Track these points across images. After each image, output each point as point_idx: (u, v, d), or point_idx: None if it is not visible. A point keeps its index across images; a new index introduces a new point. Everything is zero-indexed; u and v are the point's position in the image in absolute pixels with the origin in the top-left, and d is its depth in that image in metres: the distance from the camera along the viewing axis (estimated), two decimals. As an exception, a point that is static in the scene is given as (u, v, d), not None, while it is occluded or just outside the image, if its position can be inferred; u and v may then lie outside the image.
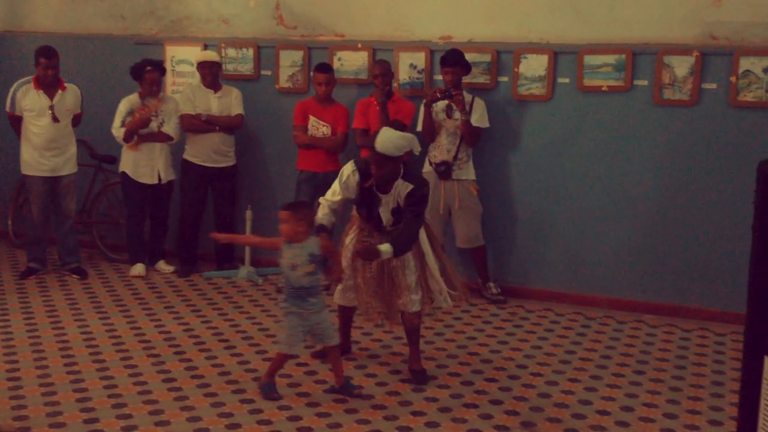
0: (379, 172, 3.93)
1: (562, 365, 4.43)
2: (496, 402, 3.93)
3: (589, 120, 5.42)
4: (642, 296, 5.39)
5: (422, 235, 4.19)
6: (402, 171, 4.01)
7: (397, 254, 3.96)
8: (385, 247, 3.88)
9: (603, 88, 5.33)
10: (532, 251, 5.66)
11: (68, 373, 4.14)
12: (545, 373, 4.31)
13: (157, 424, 3.60)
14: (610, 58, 5.28)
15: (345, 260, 4.15)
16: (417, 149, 4.04)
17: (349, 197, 4.11)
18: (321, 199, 4.17)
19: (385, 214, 4.09)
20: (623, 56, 5.24)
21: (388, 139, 3.89)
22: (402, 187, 3.99)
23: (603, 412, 3.84)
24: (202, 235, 6.17)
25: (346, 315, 4.43)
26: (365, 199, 4.08)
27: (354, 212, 4.27)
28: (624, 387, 4.15)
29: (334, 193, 4.11)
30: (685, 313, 5.29)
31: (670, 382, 4.22)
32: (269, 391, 3.89)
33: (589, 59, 5.32)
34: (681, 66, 5.13)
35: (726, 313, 5.16)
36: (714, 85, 5.09)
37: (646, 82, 5.24)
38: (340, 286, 4.25)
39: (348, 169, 4.08)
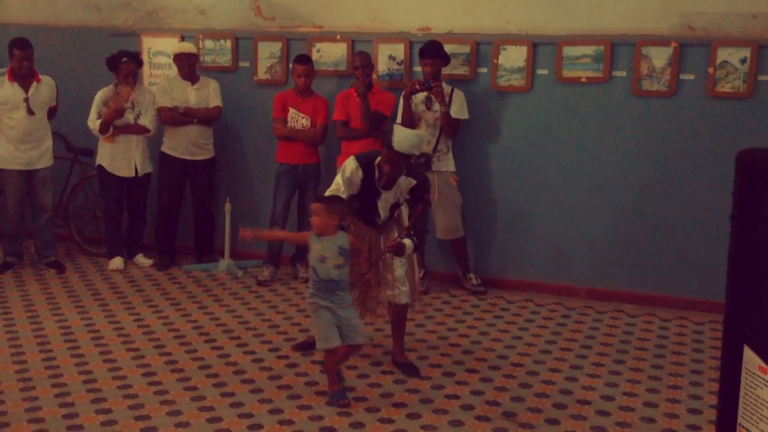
0: (393, 170, 3.91)
1: (543, 355, 4.45)
2: (478, 392, 3.94)
3: (568, 111, 5.44)
4: (621, 286, 5.43)
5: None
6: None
7: (417, 249, 4.01)
8: (408, 242, 3.92)
9: (582, 79, 5.34)
10: (511, 242, 5.68)
11: (47, 367, 4.10)
12: (526, 364, 4.33)
13: (137, 418, 3.56)
14: (589, 50, 5.30)
15: None
16: (425, 148, 4.01)
17: (353, 193, 4.05)
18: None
19: (383, 210, 4.09)
20: (602, 47, 5.26)
21: (405, 138, 3.86)
22: (404, 183, 4.00)
23: (583, 402, 3.86)
24: (180, 227, 6.14)
25: None
26: (365, 195, 4.06)
27: None
28: (604, 376, 4.18)
29: (338, 191, 4.00)
30: (664, 302, 5.34)
31: (649, 371, 4.26)
32: (339, 398, 3.75)
33: (568, 50, 5.33)
34: (659, 57, 5.16)
35: (705, 302, 5.22)
36: (692, 76, 5.13)
37: (624, 73, 5.27)
38: None
39: (351, 165, 4.01)
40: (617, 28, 5.27)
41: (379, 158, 3.98)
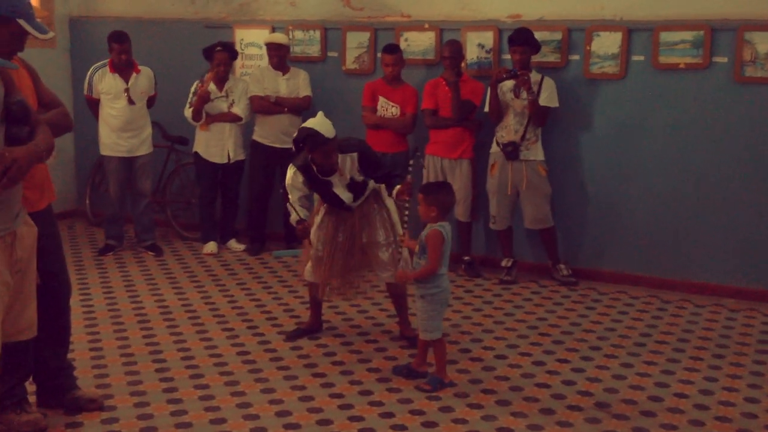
0: (330, 159, 4.00)
1: (637, 348, 4.33)
2: (569, 383, 3.87)
3: (664, 99, 5.27)
4: (722, 280, 5.21)
5: (392, 206, 4.29)
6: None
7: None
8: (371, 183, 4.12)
9: (680, 66, 5.17)
10: (604, 233, 5.54)
11: (147, 344, 4.26)
12: (620, 355, 4.22)
13: (233, 394, 3.67)
14: (688, 35, 5.12)
15: (314, 236, 4.23)
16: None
17: (306, 193, 4.19)
18: (288, 204, 4.19)
19: (343, 194, 4.15)
20: (701, 32, 5.07)
21: (325, 124, 3.97)
22: (348, 160, 4.08)
23: (681, 395, 3.75)
24: (270, 214, 6.26)
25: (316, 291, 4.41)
26: (319, 189, 4.18)
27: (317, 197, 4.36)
28: (702, 371, 4.04)
29: (292, 195, 4.14)
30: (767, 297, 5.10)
31: (751, 367, 4.09)
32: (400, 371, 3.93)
33: (666, 36, 5.17)
34: (763, 42, 4.94)
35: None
36: (799, 61, 4.89)
37: (725, 59, 5.06)
38: (309, 264, 4.28)
39: (289, 172, 4.15)
40: (717, 12, 5.07)
41: (309, 156, 4.04)
